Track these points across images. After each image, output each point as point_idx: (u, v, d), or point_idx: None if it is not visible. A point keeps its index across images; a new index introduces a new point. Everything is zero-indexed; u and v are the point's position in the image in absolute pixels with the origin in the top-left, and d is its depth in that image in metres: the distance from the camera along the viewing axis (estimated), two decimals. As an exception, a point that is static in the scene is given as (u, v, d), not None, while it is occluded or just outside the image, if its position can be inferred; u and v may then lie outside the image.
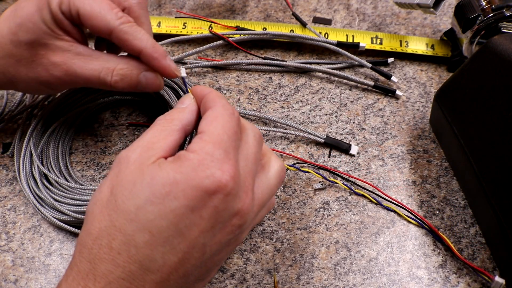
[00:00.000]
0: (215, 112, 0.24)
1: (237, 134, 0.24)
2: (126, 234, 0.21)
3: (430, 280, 0.32)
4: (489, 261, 0.32)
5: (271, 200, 0.27)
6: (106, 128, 0.41)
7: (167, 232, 0.21)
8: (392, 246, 0.33)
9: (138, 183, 0.21)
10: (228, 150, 0.22)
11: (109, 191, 0.22)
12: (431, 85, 0.43)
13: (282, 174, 0.27)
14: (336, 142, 0.38)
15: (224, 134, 0.23)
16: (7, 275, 0.33)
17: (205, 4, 0.52)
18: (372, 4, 0.51)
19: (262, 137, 0.27)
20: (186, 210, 0.21)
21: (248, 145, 0.25)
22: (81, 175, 0.38)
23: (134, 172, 0.22)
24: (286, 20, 0.50)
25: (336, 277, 0.32)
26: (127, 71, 0.30)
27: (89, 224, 0.22)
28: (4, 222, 0.35)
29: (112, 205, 0.21)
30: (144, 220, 0.20)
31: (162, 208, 0.21)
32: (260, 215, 0.26)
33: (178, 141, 0.24)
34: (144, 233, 0.20)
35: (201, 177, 0.21)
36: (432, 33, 0.48)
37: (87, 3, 0.28)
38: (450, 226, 0.34)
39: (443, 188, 0.36)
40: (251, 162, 0.24)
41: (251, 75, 0.45)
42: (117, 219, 0.21)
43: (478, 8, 0.38)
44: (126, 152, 0.23)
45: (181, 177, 0.21)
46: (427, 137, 0.40)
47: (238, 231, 0.23)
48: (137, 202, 0.21)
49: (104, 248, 0.21)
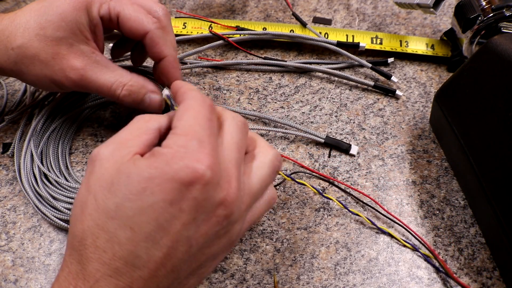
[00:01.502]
0: (185, 104, 0.24)
1: (211, 122, 0.24)
2: (109, 232, 0.21)
3: (430, 280, 0.32)
4: (489, 261, 0.32)
5: (270, 194, 0.27)
6: (106, 128, 0.41)
7: (148, 227, 0.20)
8: (392, 246, 0.33)
9: (115, 182, 0.21)
10: (202, 139, 0.22)
11: (87, 191, 0.22)
12: (431, 85, 0.43)
13: (276, 163, 0.26)
14: (336, 142, 0.38)
15: (196, 124, 0.23)
16: (7, 275, 0.33)
17: (205, 4, 0.52)
18: (372, 4, 0.51)
19: (246, 124, 0.26)
20: (165, 204, 0.21)
21: (228, 133, 0.24)
22: (81, 175, 0.38)
23: (110, 170, 0.22)
24: (286, 20, 0.50)
25: (336, 277, 0.32)
26: (135, 89, 0.33)
27: (73, 226, 0.22)
28: (4, 222, 0.35)
29: (92, 205, 0.21)
30: (124, 217, 0.21)
31: (140, 204, 0.21)
32: (257, 208, 0.26)
33: (153, 140, 0.24)
34: (125, 229, 0.20)
35: (176, 169, 0.21)
36: (432, 33, 0.48)
37: (126, 7, 0.31)
38: (450, 226, 0.34)
39: (443, 188, 0.36)
40: (232, 150, 0.24)
41: (251, 75, 0.45)
42: (99, 218, 0.21)
43: (478, 8, 0.38)
44: (98, 149, 0.23)
45: (155, 172, 0.21)
46: (427, 137, 0.40)
47: (225, 222, 0.22)
48: (116, 200, 0.21)
49: (90, 247, 0.21)
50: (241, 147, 0.25)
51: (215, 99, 0.43)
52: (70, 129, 0.39)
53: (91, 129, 0.41)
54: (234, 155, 0.24)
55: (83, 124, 0.41)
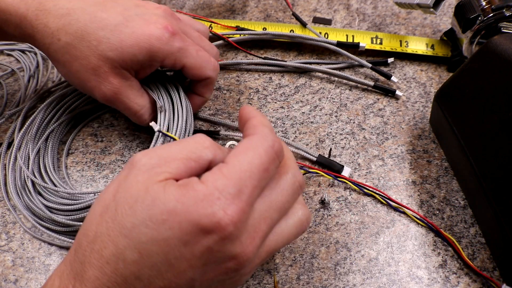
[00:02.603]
0: (249, 142, 0.22)
1: (266, 173, 0.22)
2: (117, 247, 0.20)
3: (430, 280, 0.32)
4: (489, 261, 0.32)
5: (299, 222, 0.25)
6: (106, 128, 0.41)
7: (156, 258, 0.20)
8: (392, 246, 0.33)
9: (139, 201, 0.21)
10: (244, 189, 0.21)
11: (113, 195, 0.22)
12: (431, 85, 0.43)
13: (305, 224, 0.24)
14: (329, 162, 0.37)
15: (247, 171, 0.21)
16: (7, 275, 0.33)
17: (205, 4, 0.52)
18: (372, 4, 0.51)
19: (303, 186, 0.24)
20: (179, 243, 0.20)
21: (280, 190, 0.23)
22: (81, 175, 0.38)
23: (140, 185, 0.21)
24: (286, 20, 0.50)
25: (336, 277, 0.32)
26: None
27: (88, 223, 0.22)
28: (4, 222, 0.35)
29: (111, 213, 0.21)
30: (137, 240, 0.20)
31: (155, 234, 0.20)
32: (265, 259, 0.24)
33: (198, 170, 0.22)
34: (134, 251, 0.20)
35: (200, 214, 0.20)
36: (432, 33, 0.48)
37: (192, 58, 0.34)
38: (450, 226, 0.34)
39: (443, 188, 0.36)
40: (274, 210, 0.22)
41: (251, 75, 0.45)
42: (112, 229, 0.21)
43: (478, 8, 0.38)
44: (141, 156, 0.22)
45: (181, 208, 0.20)
46: (427, 137, 0.40)
47: (234, 273, 0.22)
48: (133, 220, 0.20)
49: (95, 253, 0.21)
50: (285, 209, 0.23)
51: (215, 99, 0.43)
52: (63, 132, 0.39)
53: (91, 129, 0.41)
54: (272, 215, 0.22)
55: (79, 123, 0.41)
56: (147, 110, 0.35)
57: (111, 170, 0.38)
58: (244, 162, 0.21)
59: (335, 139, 0.40)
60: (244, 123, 0.25)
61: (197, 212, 0.20)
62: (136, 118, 0.35)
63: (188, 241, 0.20)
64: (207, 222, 0.20)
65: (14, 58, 0.47)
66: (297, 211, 0.24)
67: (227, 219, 0.20)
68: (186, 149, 0.22)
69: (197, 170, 0.22)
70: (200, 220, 0.20)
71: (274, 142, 0.22)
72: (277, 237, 0.23)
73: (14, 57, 0.47)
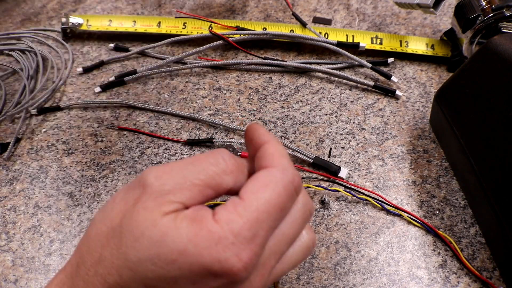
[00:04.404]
0: (268, 176, 0.20)
1: (282, 212, 0.20)
2: (122, 277, 0.19)
3: (430, 280, 0.32)
4: (489, 261, 0.32)
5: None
6: (106, 128, 0.41)
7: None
8: (392, 246, 0.33)
9: (146, 235, 0.19)
10: (259, 232, 0.19)
11: (120, 219, 0.20)
12: (431, 85, 0.43)
13: (310, 249, 0.23)
14: (325, 164, 0.37)
15: (265, 212, 0.19)
16: (7, 275, 0.33)
17: (205, 4, 0.52)
18: (372, 4, 0.51)
19: (313, 212, 0.23)
20: (187, 282, 0.19)
21: (291, 222, 0.21)
22: (81, 175, 0.38)
23: (148, 216, 0.19)
24: (286, 20, 0.50)
25: (336, 277, 0.32)
26: None
27: (93, 240, 0.21)
28: (4, 222, 0.35)
29: (116, 239, 0.20)
30: (143, 276, 0.19)
31: (163, 272, 0.19)
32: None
33: (212, 198, 0.21)
34: (139, 285, 0.19)
35: (213, 259, 0.18)
36: (432, 33, 0.48)
37: None
38: (450, 226, 0.34)
39: (443, 188, 0.36)
40: (284, 243, 0.21)
41: (251, 75, 0.45)
42: (117, 258, 0.20)
43: (478, 8, 0.38)
44: (154, 179, 0.20)
45: (192, 249, 0.19)
46: (427, 137, 0.40)
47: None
48: (139, 255, 0.19)
49: (99, 277, 0.20)
50: (294, 239, 0.22)
51: (215, 99, 0.43)
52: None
53: (91, 129, 0.41)
54: (282, 248, 0.21)
55: (83, 123, 0.41)
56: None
57: (111, 170, 0.38)
58: (262, 201, 0.19)
59: (335, 139, 0.40)
60: (256, 148, 0.22)
61: (210, 257, 0.19)
62: None
63: (197, 281, 0.19)
64: (219, 268, 0.19)
65: (14, 58, 0.47)
66: (303, 236, 0.23)
67: (240, 265, 0.19)
68: (205, 173, 0.20)
69: (213, 197, 0.21)
70: (212, 265, 0.19)
71: (294, 177, 0.21)
72: (283, 265, 0.22)
73: (14, 57, 0.47)
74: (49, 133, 0.41)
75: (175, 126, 0.41)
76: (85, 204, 0.36)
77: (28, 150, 0.40)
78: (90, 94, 0.44)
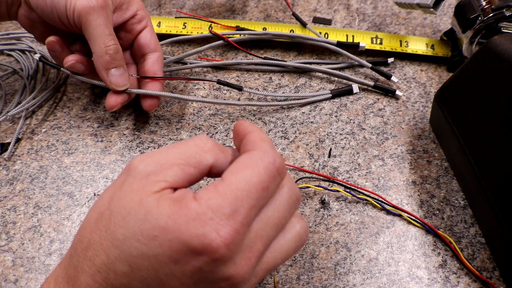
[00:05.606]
0: (248, 158, 0.21)
1: (265, 191, 0.21)
2: (109, 257, 0.20)
3: (430, 280, 0.32)
4: (489, 261, 0.32)
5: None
6: (106, 128, 0.41)
7: (146, 273, 0.20)
8: (392, 246, 0.33)
9: (132, 213, 0.20)
10: (240, 209, 0.19)
11: (108, 203, 0.21)
12: (431, 85, 0.43)
13: (303, 238, 0.23)
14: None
15: (245, 190, 0.20)
16: (7, 275, 0.33)
17: (205, 4, 0.52)
18: (372, 4, 0.51)
19: (299, 200, 0.23)
20: (169, 260, 0.19)
21: (276, 205, 0.22)
22: (81, 175, 0.38)
23: (134, 196, 0.20)
24: (286, 20, 0.50)
25: (336, 277, 0.32)
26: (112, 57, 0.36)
27: (83, 229, 0.22)
28: (4, 222, 0.35)
29: (105, 222, 0.21)
30: (127, 253, 0.20)
31: (145, 249, 0.20)
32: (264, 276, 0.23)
33: (197, 177, 0.22)
34: (124, 264, 0.20)
35: (191, 234, 0.19)
36: (432, 33, 0.48)
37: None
38: (450, 226, 0.34)
39: (443, 188, 0.36)
40: (270, 227, 0.21)
41: (251, 75, 0.45)
42: (105, 238, 0.20)
43: (478, 8, 0.38)
44: (138, 162, 0.21)
45: (172, 226, 0.19)
46: (427, 137, 0.40)
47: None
48: (125, 232, 0.20)
49: (88, 261, 0.21)
50: (282, 224, 0.22)
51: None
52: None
53: (91, 129, 0.41)
54: (269, 233, 0.21)
55: (83, 123, 0.41)
56: (113, 44, 0.35)
57: (111, 170, 0.38)
58: (241, 180, 0.20)
59: (335, 139, 0.40)
60: (241, 139, 0.23)
61: (188, 232, 0.19)
62: (98, 50, 0.35)
63: (178, 259, 0.19)
64: (198, 243, 0.19)
65: (14, 58, 0.47)
66: (294, 225, 0.23)
67: (219, 240, 0.19)
68: (185, 153, 0.21)
69: (197, 176, 0.22)
70: (191, 240, 0.19)
71: (276, 158, 0.21)
72: (275, 254, 0.22)
73: (14, 57, 0.47)
74: (49, 133, 0.41)
75: (175, 126, 0.41)
76: (85, 204, 0.36)
77: (28, 150, 0.40)
78: (90, 94, 0.44)
